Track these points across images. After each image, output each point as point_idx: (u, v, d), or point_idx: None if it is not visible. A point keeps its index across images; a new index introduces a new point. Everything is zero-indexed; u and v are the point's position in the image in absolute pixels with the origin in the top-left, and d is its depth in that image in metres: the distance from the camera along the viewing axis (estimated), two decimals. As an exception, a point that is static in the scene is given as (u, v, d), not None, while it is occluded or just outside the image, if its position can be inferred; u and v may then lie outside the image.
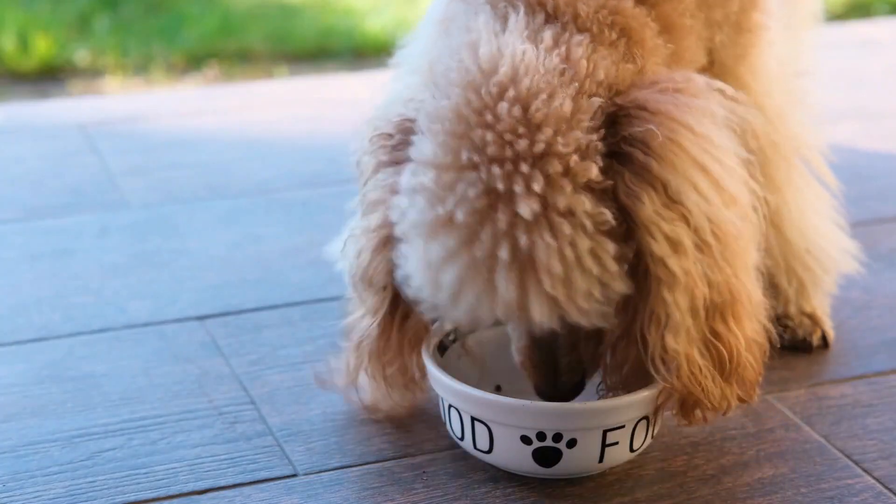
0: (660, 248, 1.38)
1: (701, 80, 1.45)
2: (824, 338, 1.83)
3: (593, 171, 1.36)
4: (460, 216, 1.35)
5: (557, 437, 1.48)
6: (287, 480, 1.56)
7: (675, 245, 1.38)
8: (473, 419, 1.51)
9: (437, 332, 1.60)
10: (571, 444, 1.49)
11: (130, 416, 1.68)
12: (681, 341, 1.42)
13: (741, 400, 1.50)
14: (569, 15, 1.44)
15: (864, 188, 2.35)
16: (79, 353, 1.83)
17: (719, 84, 1.47)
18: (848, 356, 1.82)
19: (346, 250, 1.56)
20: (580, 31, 1.44)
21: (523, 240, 1.34)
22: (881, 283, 2.01)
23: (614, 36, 1.45)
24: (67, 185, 2.37)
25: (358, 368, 1.61)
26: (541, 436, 1.48)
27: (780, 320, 1.83)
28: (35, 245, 2.15)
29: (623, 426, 1.50)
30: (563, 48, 1.41)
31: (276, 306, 1.95)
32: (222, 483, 1.56)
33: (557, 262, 1.34)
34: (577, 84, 1.38)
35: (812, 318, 1.83)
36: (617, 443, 1.50)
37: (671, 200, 1.38)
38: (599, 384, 1.54)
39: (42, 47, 3.65)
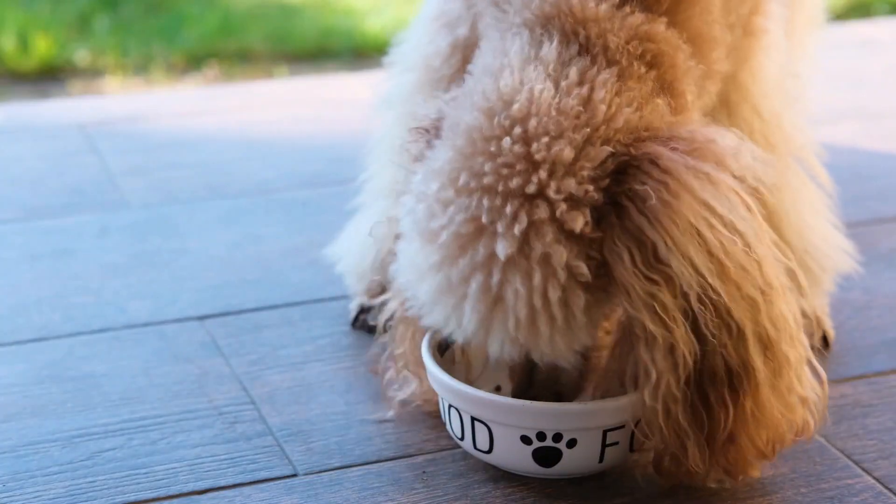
0: (635, 307, 1.37)
1: (729, 141, 1.42)
2: (825, 338, 1.83)
3: (579, 222, 1.36)
4: (445, 237, 1.37)
5: (557, 437, 1.48)
6: (287, 480, 1.56)
7: (651, 306, 1.37)
8: (473, 419, 1.51)
9: (437, 332, 1.60)
10: (571, 444, 1.49)
11: (130, 416, 1.68)
12: (658, 400, 1.40)
13: (727, 473, 1.48)
14: (599, 47, 1.43)
15: (864, 188, 2.35)
16: (79, 353, 1.83)
17: (748, 146, 1.44)
18: (848, 356, 1.82)
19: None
20: (609, 64, 1.42)
21: (495, 278, 1.35)
22: (881, 283, 2.01)
23: (643, 69, 1.43)
24: (67, 185, 2.37)
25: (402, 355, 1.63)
26: (541, 436, 1.48)
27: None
28: (35, 245, 2.15)
29: (623, 426, 1.50)
30: (586, 88, 1.40)
31: (276, 306, 1.95)
32: (222, 483, 1.56)
33: (523, 307, 1.36)
34: (588, 130, 1.38)
35: (812, 318, 1.83)
36: (617, 443, 1.50)
37: (657, 262, 1.36)
38: None
39: (42, 47, 3.65)
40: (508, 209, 1.35)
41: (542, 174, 1.36)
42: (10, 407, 1.70)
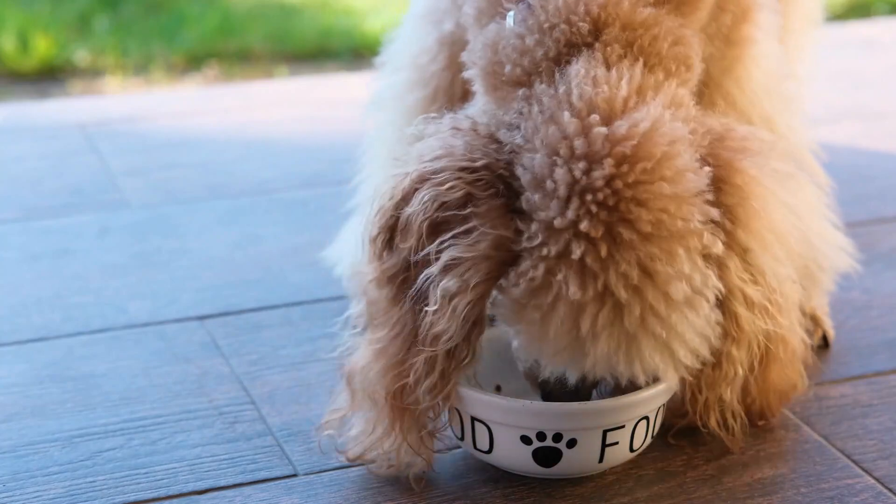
0: (739, 308, 1.44)
1: (761, 134, 1.49)
2: (825, 338, 1.83)
3: (719, 246, 1.40)
4: (620, 292, 1.35)
5: (557, 437, 1.48)
6: (287, 480, 1.56)
7: (751, 306, 1.45)
8: (473, 419, 1.51)
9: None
10: (571, 444, 1.49)
11: (130, 416, 1.68)
12: (735, 394, 1.51)
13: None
14: (654, 55, 1.43)
15: (864, 188, 2.35)
16: (79, 353, 1.83)
17: (766, 135, 1.51)
18: (848, 356, 1.82)
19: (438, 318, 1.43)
20: (666, 74, 1.43)
21: (672, 318, 1.37)
22: (881, 283, 2.01)
23: (689, 75, 1.46)
24: (67, 185, 2.37)
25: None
26: (541, 436, 1.48)
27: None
28: (35, 245, 2.15)
29: (623, 426, 1.50)
30: (683, 111, 1.41)
31: (276, 306, 1.95)
32: (222, 483, 1.56)
33: (696, 337, 1.40)
34: (695, 152, 1.41)
35: (812, 318, 1.83)
36: (617, 443, 1.50)
37: (749, 264, 1.44)
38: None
39: (42, 47, 3.64)
40: (677, 251, 1.36)
41: (692, 209, 1.38)
42: (10, 407, 1.70)
